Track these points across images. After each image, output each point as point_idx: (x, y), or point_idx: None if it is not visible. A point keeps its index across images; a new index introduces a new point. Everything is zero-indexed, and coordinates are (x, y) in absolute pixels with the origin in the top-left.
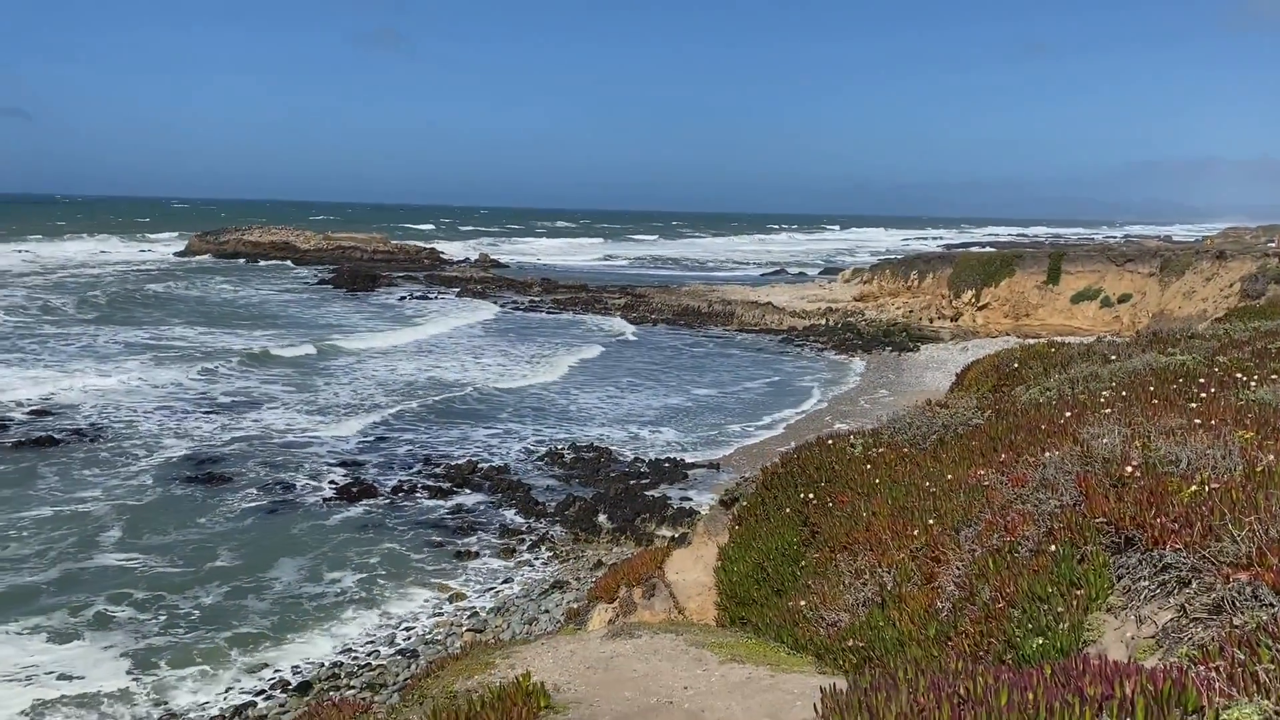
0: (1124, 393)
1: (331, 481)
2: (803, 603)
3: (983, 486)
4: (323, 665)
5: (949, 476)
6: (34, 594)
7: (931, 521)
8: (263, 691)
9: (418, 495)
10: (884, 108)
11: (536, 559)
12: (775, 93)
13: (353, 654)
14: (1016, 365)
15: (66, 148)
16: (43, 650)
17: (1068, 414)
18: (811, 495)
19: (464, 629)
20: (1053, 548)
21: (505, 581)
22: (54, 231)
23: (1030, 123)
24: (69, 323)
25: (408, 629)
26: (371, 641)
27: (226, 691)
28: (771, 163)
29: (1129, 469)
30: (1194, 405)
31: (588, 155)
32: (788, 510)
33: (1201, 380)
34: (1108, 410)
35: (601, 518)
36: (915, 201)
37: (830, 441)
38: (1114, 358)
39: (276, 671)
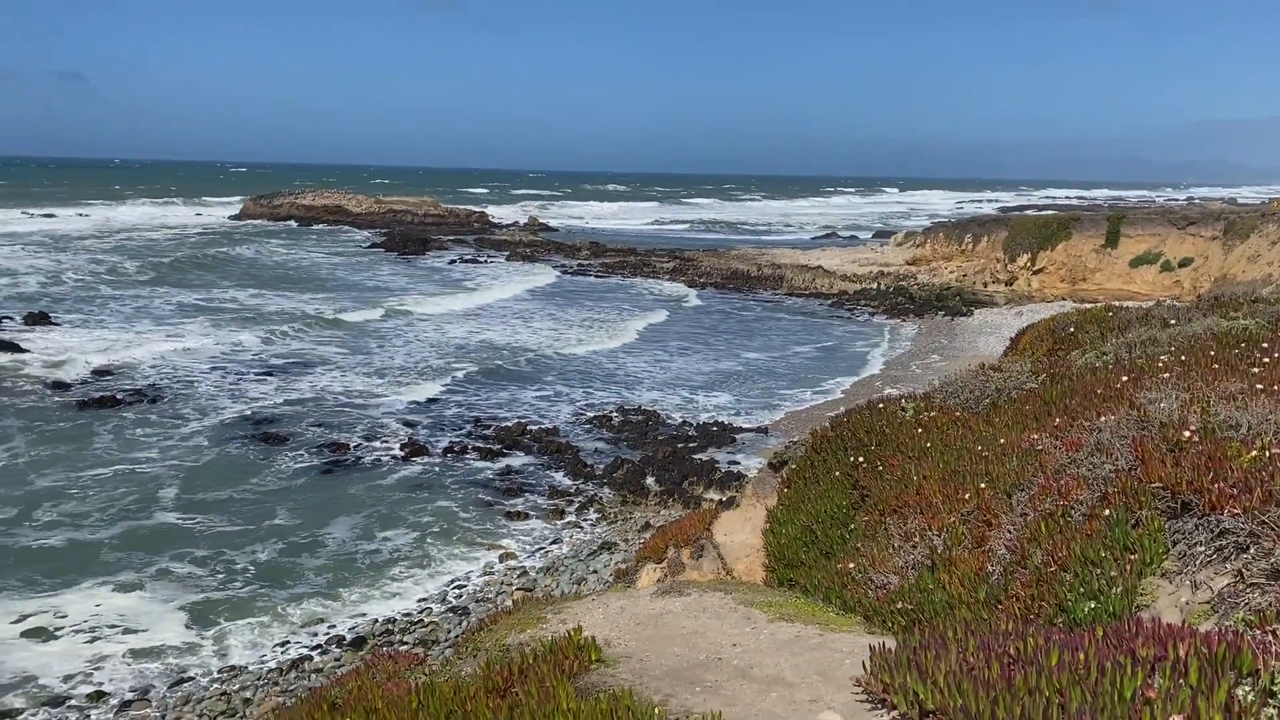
0: (1183, 357)
1: (384, 442)
2: (851, 565)
3: (1036, 450)
4: (376, 621)
5: (1001, 440)
6: (97, 549)
7: (983, 485)
8: (318, 646)
9: (468, 456)
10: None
11: (585, 520)
12: (831, 55)
13: (405, 610)
14: (1072, 329)
15: (124, 112)
16: (108, 604)
17: (1124, 378)
18: (861, 459)
19: (514, 588)
20: (1107, 512)
21: (554, 542)
22: (112, 195)
23: (1092, 81)
24: (126, 285)
25: (459, 587)
26: (424, 599)
27: (284, 645)
28: (828, 125)
29: (1187, 434)
30: (1256, 370)
31: (641, 119)
32: (837, 474)
33: (1264, 345)
34: (1166, 375)
35: (649, 480)
36: (973, 164)
37: (881, 405)
38: (1173, 322)
39: (331, 627)
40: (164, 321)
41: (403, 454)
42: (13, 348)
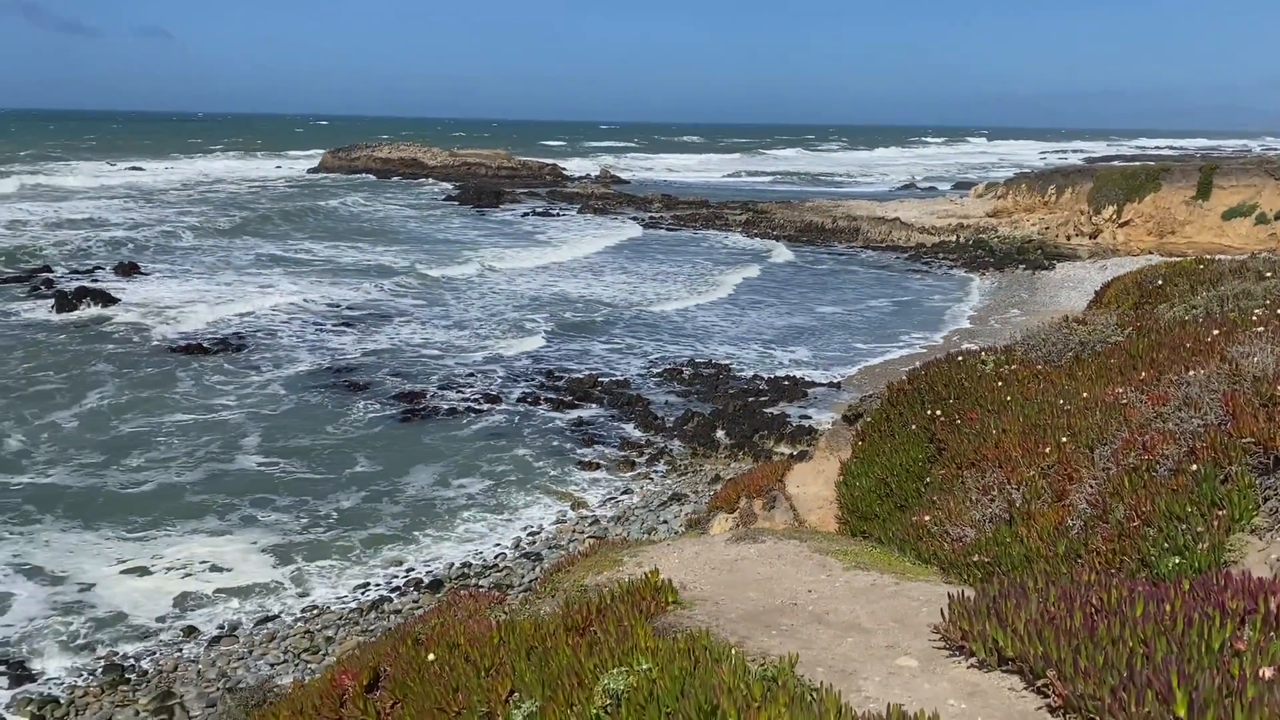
0: (1279, 311)
1: (460, 392)
2: (927, 518)
3: (1120, 405)
4: (452, 565)
5: (1084, 394)
6: (184, 493)
7: (1065, 439)
8: (397, 588)
9: (541, 407)
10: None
11: (655, 471)
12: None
13: (480, 555)
14: (1161, 282)
15: (208, 66)
16: (195, 545)
17: (1215, 332)
18: (939, 412)
19: (585, 536)
20: (1194, 467)
21: (625, 492)
22: (195, 149)
23: (1185, 26)
24: (208, 235)
25: (532, 534)
26: (498, 544)
27: (363, 587)
28: (915, 73)
29: None
30: None
31: (721, 69)
32: (913, 427)
33: None
34: (1260, 329)
35: (719, 433)
36: (1062, 113)
37: (960, 358)
38: (1269, 275)
39: (410, 570)
40: (244, 272)
41: (478, 404)
42: (105, 297)
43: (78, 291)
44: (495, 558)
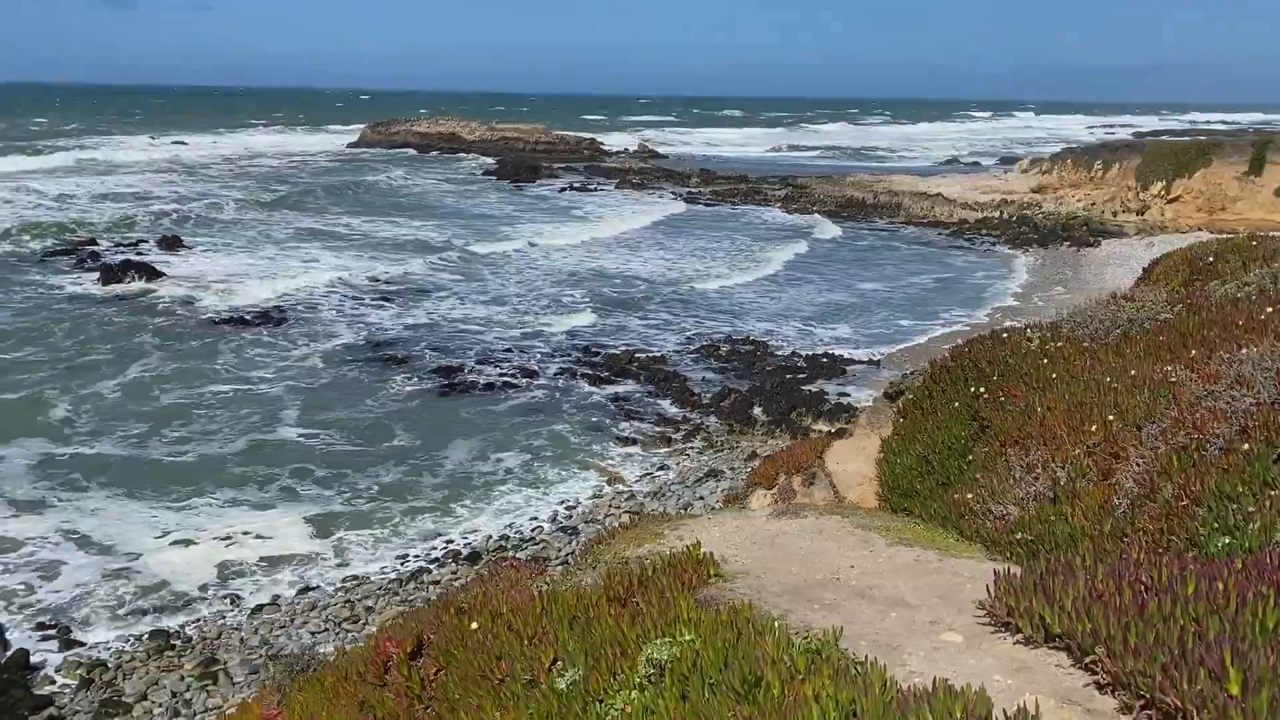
0: None
1: (498, 367)
2: (969, 495)
3: (1170, 383)
4: (490, 537)
5: (1132, 372)
6: (224, 463)
7: (1111, 417)
8: (435, 559)
9: (578, 383)
10: None
11: (691, 448)
12: None
13: (517, 528)
14: (1212, 259)
15: (250, 40)
16: (237, 516)
17: (1269, 309)
18: (982, 389)
19: (621, 510)
20: (1246, 446)
21: (661, 468)
22: (236, 123)
23: None
24: (248, 209)
25: (569, 508)
26: (535, 518)
27: (402, 558)
28: (961, 45)
29: None
30: None
31: (760, 40)
32: (956, 404)
33: None
34: None
35: (756, 410)
36: (1112, 87)
37: (1005, 335)
38: None
39: (449, 542)
40: (284, 246)
41: (515, 379)
42: (149, 270)
43: (122, 264)
44: (532, 531)
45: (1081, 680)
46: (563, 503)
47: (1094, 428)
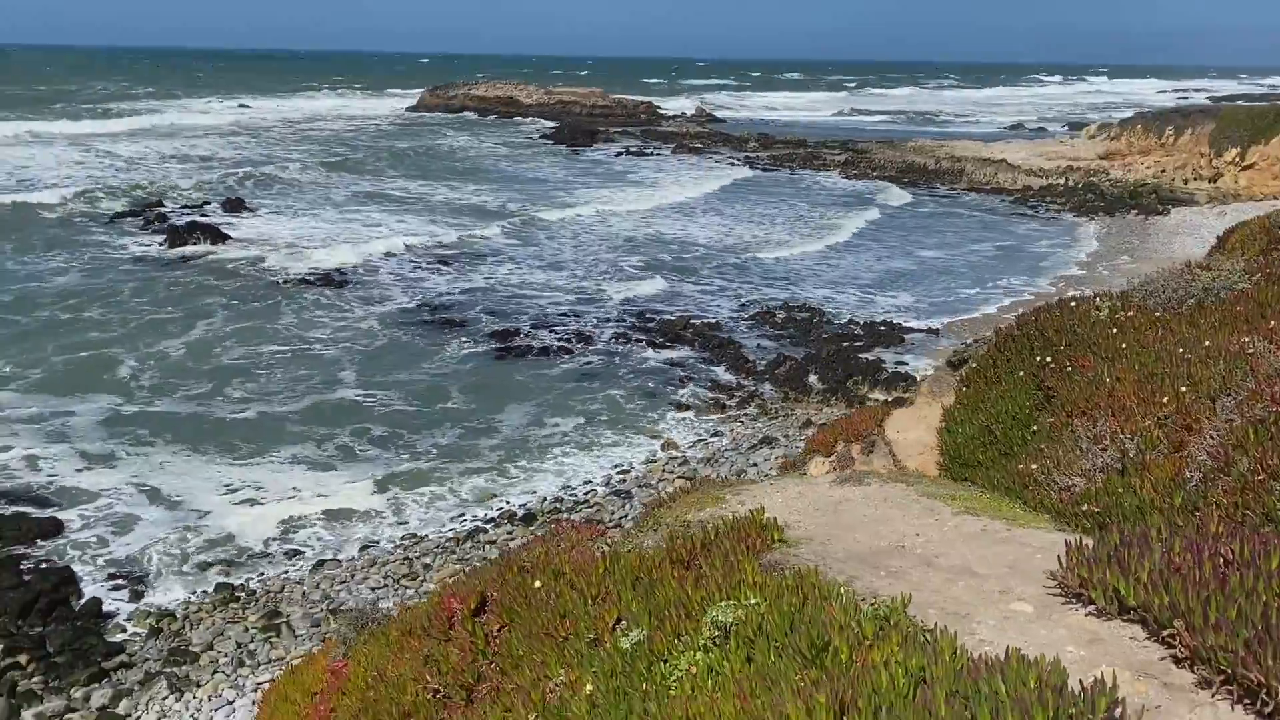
0: None
1: (553, 331)
2: (1034, 466)
3: (1246, 354)
4: (544, 499)
5: (1206, 343)
6: (285, 422)
7: (1184, 389)
8: (491, 520)
9: (633, 348)
10: None
11: (745, 414)
12: None
13: (571, 491)
14: None
15: (308, 3)
16: (298, 474)
17: None
18: (1049, 358)
19: (675, 476)
20: None
21: (715, 434)
22: (298, 87)
23: None
24: (310, 171)
25: (622, 472)
26: (589, 482)
27: (459, 517)
28: (1034, 6)
29: None
30: None
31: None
32: (1021, 373)
33: None
34: None
35: (812, 378)
36: (1187, 50)
37: (1073, 304)
38: None
39: (505, 503)
40: (344, 209)
41: (570, 343)
42: (214, 232)
43: (188, 226)
44: (586, 494)
45: (1158, 654)
46: (616, 467)
47: (1166, 399)
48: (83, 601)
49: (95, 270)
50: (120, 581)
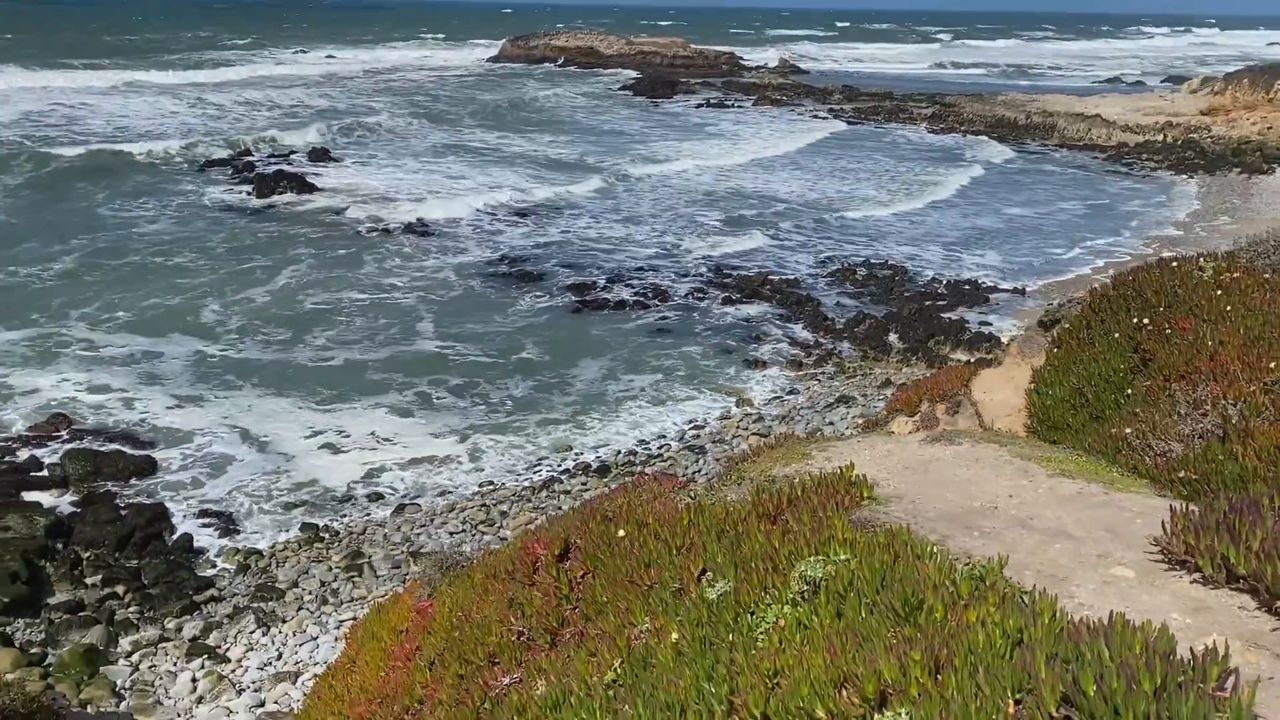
0: None
1: (629, 286)
2: (1128, 430)
3: None
4: (619, 452)
5: None
6: (365, 369)
7: None
8: (566, 470)
9: (709, 303)
10: None
11: (822, 373)
12: None
13: (646, 445)
14: None
15: None
16: (379, 421)
17: None
18: (1146, 320)
19: (749, 433)
20: None
21: (791, 392)
22: (382, 37)
23: None
24: (393, 120)
25: (696, 428)
26: (663, 436)
27: (534, 467)
28: None
29: None
30: None
31: None
32: (1116, 335)
33: None
34: None
35: (892, 337)
36: None
37: (1174, 264)
38: None
39: (579, 454)
40: (425, 160)
41: (646, 298)
42: (300, 181)
43: (275, 175)
44: (660, 449)
45: (1269, 624)
46: (690, 422)
47: (1273, 364)
48: (175, 537)
49: (185, 218)
50: (210, 519)
